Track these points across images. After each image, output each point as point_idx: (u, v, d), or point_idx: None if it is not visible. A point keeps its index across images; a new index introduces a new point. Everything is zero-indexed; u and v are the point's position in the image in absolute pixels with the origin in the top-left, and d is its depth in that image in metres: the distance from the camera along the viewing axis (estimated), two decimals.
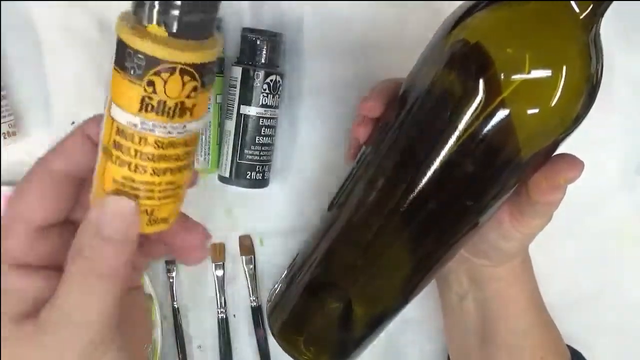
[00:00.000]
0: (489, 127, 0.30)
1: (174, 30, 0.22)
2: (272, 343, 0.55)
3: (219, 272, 0.54)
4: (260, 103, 0.48)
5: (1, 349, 0.25)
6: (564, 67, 0.29)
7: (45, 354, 0.25)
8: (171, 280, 0.54)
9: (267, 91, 0.48)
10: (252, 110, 0.48)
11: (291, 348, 0.41)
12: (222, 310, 0.54)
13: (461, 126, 0.31)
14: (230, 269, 0.54)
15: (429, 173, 0.33)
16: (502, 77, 0.29)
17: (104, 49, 0.50)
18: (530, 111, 0.30)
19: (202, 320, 0.55)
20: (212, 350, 0.55)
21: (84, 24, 0.50)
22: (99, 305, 0.25)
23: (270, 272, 0.55)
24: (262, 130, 0.49)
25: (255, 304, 0.55)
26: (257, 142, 0.49)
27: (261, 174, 0.50)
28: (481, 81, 0.30)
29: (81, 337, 0.25)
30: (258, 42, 0.48)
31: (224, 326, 0.55)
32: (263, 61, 0.48)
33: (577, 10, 0.29)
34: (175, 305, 0.54)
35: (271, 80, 0.48)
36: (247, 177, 0.49)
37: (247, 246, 0.54)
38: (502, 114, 0.30)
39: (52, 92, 0.52)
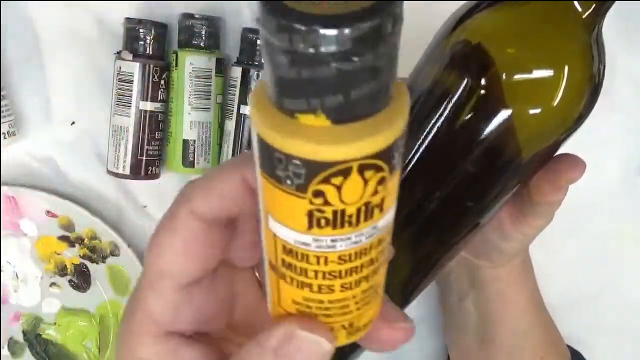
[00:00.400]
0: (490, 127, 0.30)
1: (341, 117, 0.15)
2: None
3: None
4: None
5: None
6: (566, 67, 0.29)
7: None
8: None
9: None
10: None
11: None
12: None
13: (462, 127, 0.31)
14: None
15: (430, 173, 0.33)
16: (504, 77, 0.29)
17: (104, 49, 0.50)
18: (531, 111, 0.30)
19: None
20: None
21: (84, 24, 0.50)
22: None
23: None
24: None
25: None
26: None
27: None
28: (482, 81, 0.30)
29: None
30: (258, 42, 0.48)
31: None
32: (263, 61, 0.48)
33: (579, 9, 0.29)
34: None
35: None
36: None
37: None
38: (503, 114, 0.30)
39: (52, 92, 0.52)
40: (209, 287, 0.23)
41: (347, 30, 0.14)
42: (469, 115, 0.30)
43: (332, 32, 0.14)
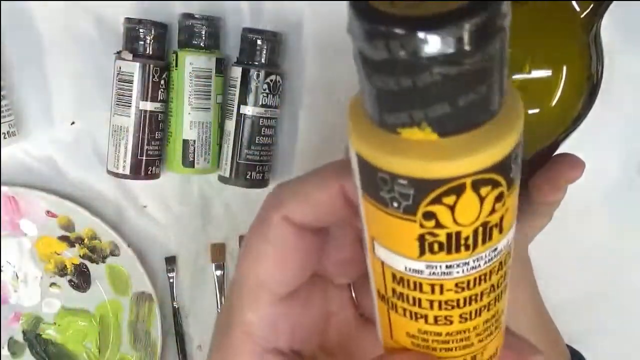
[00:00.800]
0: None
1: (449, 128, 0.14)
2: None
3: (219, 272, 0.54)
4: (260, 103, 0.48)
5: None
6: (565, 67, 0.29)
7: None
8: (171, 280, 0.54)
9: (267, 91, 0.48)
10: (252, 110, 0.48)
11: None
12: None
13: None
14: (230, 268, 0.54)
15: None
16: None
17: (104, 49, 0.50)
18: (530, 111, 0.30)
19: (202, 320, 0.55)
20: None
21: (84, 24, 0.50)
22: None
23: None
24: (262, 130, 0.49)
25: None
26: (256, 142, 0.49)
27: (261, 174, 0.50)
28: None
29: None
30: (258, 42, 0.48)
31: None
32: (263, 61, 0.48)
33: (577, 9, 0.29)
34: (175, 305, 0.54)
35: (271, 80, 0.48)
36: (247, 177, 0.49)
37: None
38: None
39: (52, 92, 0.52)
40: (305, 301, 0.22)
41: (451, 30, 0.12)
42: None
43: (434, 33, 0.12)
